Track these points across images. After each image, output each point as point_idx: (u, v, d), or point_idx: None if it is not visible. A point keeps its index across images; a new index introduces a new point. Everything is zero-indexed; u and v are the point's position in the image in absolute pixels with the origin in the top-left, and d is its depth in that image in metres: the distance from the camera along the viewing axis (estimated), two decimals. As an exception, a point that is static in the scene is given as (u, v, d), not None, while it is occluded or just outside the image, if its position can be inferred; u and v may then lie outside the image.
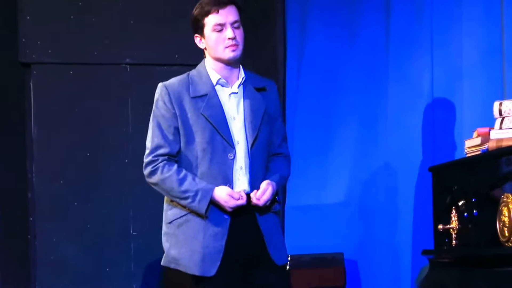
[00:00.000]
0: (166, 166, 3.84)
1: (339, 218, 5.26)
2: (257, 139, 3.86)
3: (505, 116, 3.72)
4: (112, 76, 5.43)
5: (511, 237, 3.47)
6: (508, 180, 3.55)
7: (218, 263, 3.77)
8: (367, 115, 5.12)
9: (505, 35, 4.17)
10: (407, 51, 5.04)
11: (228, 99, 3.88)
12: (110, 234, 5.31)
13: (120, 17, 5.45)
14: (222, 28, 3.82)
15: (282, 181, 3.94)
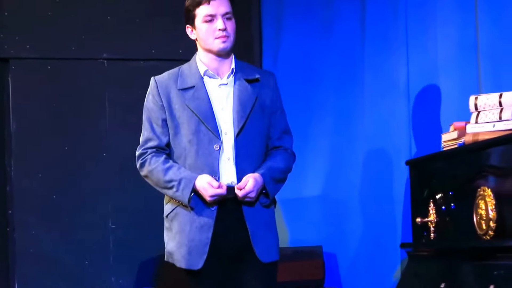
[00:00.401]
0: (153, 158, 3.85)
1: (317, 212, 5.27)
2: (243, 130, 3.83)
3: (481, 110, 3.72)
4: (89, 71, 5.41)
5: (488, 230, 3.49)
6: (485, 174, 3.57)
7: (205, 256, 3.75)
8: (343, 108, 5.13)
9: (480, 30, 4.17)
10: (382, 44, 5.05)
11: (216, 90, 3.86)
12: (88, 227, 5.29)
13: (97, 13, 5.43)
14: (213, 19, 3.81)
15: (273, 173, 3.87)
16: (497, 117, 3.64)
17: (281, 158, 3.95)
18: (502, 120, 3.62)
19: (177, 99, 3.85)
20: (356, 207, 5.15)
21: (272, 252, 3.88)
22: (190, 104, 3.82)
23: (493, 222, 3.47)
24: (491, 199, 3.49)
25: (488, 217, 3.50)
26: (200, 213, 3.79)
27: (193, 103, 3.82)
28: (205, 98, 3.84)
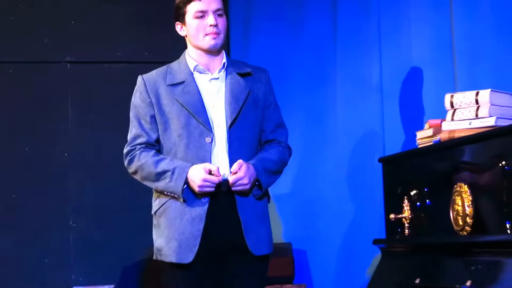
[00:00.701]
0: (143, 153, 3.77)
1: (288, 209, 5.24)
2: (236, 121, 3.76)
3: (457, 108, 3.73)
4: (52, 74, 5.34)
5: (465, 226, 3.49)
6: (461, 170, 3.58)
7: (196, 249, 3.67)
8: (316, 107, 5.11)
9: (455, 28, 4.20)
10: (355, 43, 5.05)
11: (207, 85, 3.80)
12: (49, 226, 5.23)
13: (60, 16, 5.36)
14: (204, 15, 3.74)
15: (265, 164, 3.80)
16: (473, 114, 3.65)
17: (274, 151, 3.89)
18: (479, 118, 3.62)
19: (166, 94, 3.79)
20: (328, 204, 5.12)
21: (264, 245, 3.81)
22: (179, 98, 3.76)
23: (470, 218, 3.48)
24: (468, 195, 3.50)
25: (465, 213, 3.50)
26: (192, 205, 3.71)
27: (183, 97, 3.76)
28: (195, 92, 3.77)
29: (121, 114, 5.21)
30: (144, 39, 5.41)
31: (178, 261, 3.69)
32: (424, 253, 3.76)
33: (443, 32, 4.32)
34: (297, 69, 5.30)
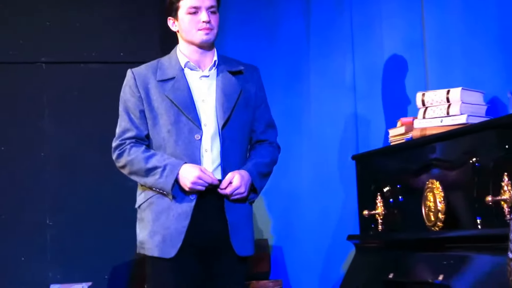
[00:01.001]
0: (133, 148, 3.76)
1: (264, 206, 5.26)
2: (229, 122, 3.76)
3: (428, 106, 3.76)
4: (27, 74, 5.33)
5: (437, 221, 3.52)
6: (433, 167, 3.61)
7: (179, 244, 3.68)
8: (291, 107, 5.12)
9: (426, 28, 4.22)
10: (328, 43, 5.07)
11: (198, 82, 3.80)
12: (25, 224, 5.22)
13: (36, 18, 5.35)
14: (197, 11, 3.72)
15: (259, 168, 3.83)
16: (444, 112, 3.68)
17: (266, 152, 3.91)
18: (450, 116, 3.65)
19: (155, 90, 3.77)
20: (303, 201, 5.15)
21: (248, 246, 3.84)
22: (169, 94, 3.75)
23: (441, 214, 3.51)
24: (440, 191, 3.53)
25: (437, 209, 3.53)
26: (179, 202, 3.71)
27: (173, 93, 3.75)
28: (185, 89, 3.76)
29: (97, 113, 5.26)
30: (119, 40, 5.41)
31: (161, 255, 3.70)
32: (397, 249, 3.79)
33: (415, 31, 4.33)
34: (272, 68, 5.30)
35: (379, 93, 4.60)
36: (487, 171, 3.26)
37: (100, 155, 5.08)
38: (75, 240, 5.21)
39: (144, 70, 3.83)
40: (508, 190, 3.12)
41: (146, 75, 3.80)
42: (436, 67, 4.17)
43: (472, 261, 3.22)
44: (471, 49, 3.95)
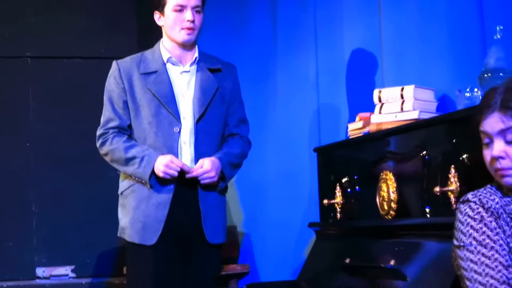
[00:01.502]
0: (115, 138, 3.76)
1: (233, 195, 5.24)
2: (204, 116, 3.77)
3: (384, 102, 3.75)
4: (13, 68, 5.29)
5: (390, 210, 3.53)
6: (387, 159, 3.60)
7: (159, 232, 3.69)
8: (258, 103, 5.07)
9: (383, 30, 4.21)
10: (293, 43, 5.05)
11: (178, 76, 3.79)
12: (13, 212, 5.20)
13: (21, 13, 5.31)
14: (183, 10, 3.72)
15: (229, 158, 3.83)
16: (399, 108, 3.68)
17: (237, 145, 3.91)
18: (403, 111, 3.65)
19: (138, 82, 3.76)
20: (269, 191, 5.14)
21: (219, 235, 3.85)
22: (152, 87, 3.74)
23: (394, 203, 3.52)
24: (393, 182, 3.53)
25: (390, 199, 3.54)
26: (158, 191, 3.72)
27: (155, 87, 3.74)
28: (167, 83, 3.76)
29: (79, 106, 5.24)
30: (100, 36, 5.38)
31: (142, 242, 3.72)
32: (354, 236, 3.79)
33: (373, 33, 4.33)
34: (240, 66, 5.24)
35: (340, 90, 4.59)
36: (436, 163, 3.27)
37: (83, 145, 5.08)
38: (59, 226, 5.20)
39: (129, 63, 3.82)
40: (455, 181, 3.13)
41: (130, 68, 3.79)
42: (392, 66, 4.17)
43: (421, 248, 3.22)
44: (424, 50, 3.95)
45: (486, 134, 2.51)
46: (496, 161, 2.48)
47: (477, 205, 2.52)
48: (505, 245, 2.47)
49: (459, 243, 2.53)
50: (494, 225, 2.49)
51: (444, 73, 3.80)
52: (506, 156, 2.47)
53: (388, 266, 3.30)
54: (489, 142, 2.51)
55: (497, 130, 2.47)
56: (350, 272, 3.61)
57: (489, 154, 2.52)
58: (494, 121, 2.48)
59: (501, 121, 2.46)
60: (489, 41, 3.36)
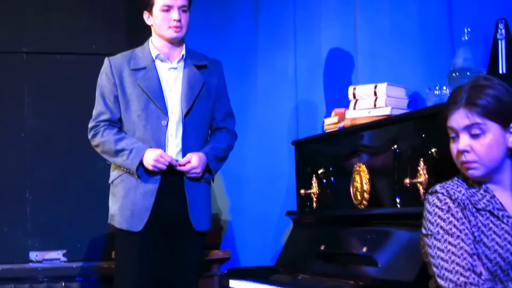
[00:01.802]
0: (106, 130, 3.75)
1: (216, 185, 5.19)
2: (191, 110, 3.75)
3: (358, 99, 3.74)
4: (9, 63, 5.22)
5: (363, 200, 3.53)
6: (360, 152, 3.60)
7: (146, 219, 3.69)
8: (241, 96, 5.01)
9: (358, 30, 4.19)
10: (274, 42, 5.01)
11: (166, 73, 3.78)
12: (8, 199, 5.15)
13: (17, 11, 5.25)
14: (170, 9, 3.71)
15: (216, 152, 3.83)
16: (372, 104, 3.67)
17: (224, 138, 3.91)
18: (376, 107, 3.64)
19: (129, 78, 3.75)
20: (250, 181, 5.12)
21: (205, 222, 3.84)
22: (141, 83, 3.73)
23: (367, 194, 3.51)
24: (366, 174, 3.52)
25: (363, 189, 3.53)
26: (145, 181, 3.71)
27: (144, 82, 3.73)
28: (156, 78, 3.74)
29: (71, 99, 5.19)
30: (92, 34, 5.34)
31: (129, 228, 3.73)
32: (328, 224, 3.77)
33: (349, 32, 4.31)
34: (223, 63, 5.19)
35: (317, 86, 4.57)
36: (406, 157, 3.27)
37: (75, 137, 5.02)
38: (52, 213, 5.15)
39: (119, 59, 3.81)
40: (424, 173, 3.13)
41: (121, 64, 3.78)
42: (366, 64, 4.15)
43: (391, 236, 3.22)
44: (396, 50, 3.95)
45: (453, 129, 2.50)
46: (461, 155, 2.48)
47: (444, 196, 2.52)
48: (470, 234, 2.47)
49: (427, 231, 2.53)
50: (460, 215, 2.49)
51: (415, 72, 3.80)
52: (471, 150, 2.47)
53: (361, 253, 3.30)
54: (455, 137, 2.51)
55: (463, 126, 2.47)
56: (325, 258, 3.60)
57: (455, 148, 2.51)
58: (460, 117, 2.47)
59: (466, 117, 2.46)
60: (458, 42, 3.36)
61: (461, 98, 2.48)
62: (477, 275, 2.40)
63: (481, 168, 2.48)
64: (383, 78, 3.84)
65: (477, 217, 2.50)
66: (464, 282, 2.39)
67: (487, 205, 2.51)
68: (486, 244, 2.46)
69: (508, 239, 2.46)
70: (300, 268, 3.71)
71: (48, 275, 4.89)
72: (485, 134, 2.46)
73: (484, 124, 2.46)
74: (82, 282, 4.91)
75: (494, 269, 2.44)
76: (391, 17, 4.00)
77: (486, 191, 2.53)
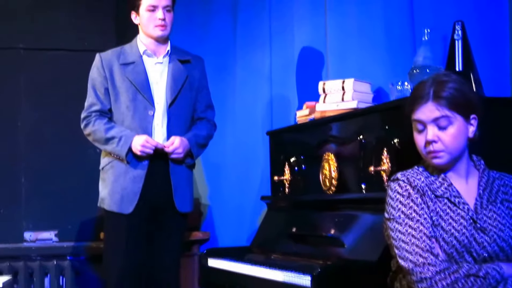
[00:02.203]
0: (97, 120, 3.75)
1: (197, 171, 5.10)
2: (175, 101, 3.75)
3: (328, 93, 3.72)
4: (7, 58, 5.14)
5: (331, 186, 3.52)
6: (329, 142, 3.58)
7: (135, 203, 3.68)
8: (219, 92, 4.97)
9: (328, 30, 4.18)
10: (251, 42, 4.98)
11: (153, 67, 3.78)
12: (4, 183, 5.08)
13: (15, 9, 5.18)
14: (155, 9, 3.71)
15: (197, 139, 3.82)
16: (340, 99, 3.65)
17: (204, 127, 3.92)
18: (344, 101, 3.63)
19: (118, 72, 3.75)
20: (228, 168, 5.08)
21: (187, 204, 3.84)
22: (129, 76, 3.73)
23: (335, 180, 3.51)
24: (334, 162, 3.52)
25: (331, 176, 3.52)
26: (134, 167, 3.71)
27: (132, 75, 3.74)
28: (143, 72, 3.75)
29: (64, 91, 5.13)
30: (83, 32, 5.28)
31: (120, 211, 3.72)
32: (299, 208, 3.77)
33: (319, 32, 4.29)
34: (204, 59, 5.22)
35: (290, 82, 4.55)
36: (371, 146, 3.26)
37: (67, 126, 4.99)
38: (45, 197, 5.10)
39: (109, 55, 3.82)
40: (387, 162, 3.13)
41: (111, 59, 3.79)
42: (335, 62, 4.14)
43: (357, 219, 3.22)
44: (363, 48, 3.94)
45: (420, 121, 2.49)
46: (429, 145, 2.47)
47: (405, 183, 2.52)
48: (429, 219, 2.47)
49: (389, 216, 2.53)
50: (419, 201, 2.49)
51: (380, 68, 3.79)
52: (438, 140, 2.47)
53: (329, 234, 3.29)
54: (422, 129, 2.49)
55: (432, 118, 2.46)
56: (296, 240, 3.59)
57: (422, 139, 2.50)
58: (428, 110, 2.46)
59: (436, 109, 2.45)
60: (418, 42, 3.36)
61: (428, 92, 2.47)
62: (435, 256, 2.40)
63: (446, 157, 2.48)
64: (350, 74, 3.83)
65: (435, 203, 2.49)
66: (423, 263, 2.39)
67: (445, 193, 2.51)
68: (444, 228, 2.46)
69: (464, 224, 2.46)
70: (273, 249, 3.70)
71: (41, 253, 4.87)
72: (451, 125, 2.46)
73: (451, 116, 2.46)
74: (72, 261, 4.89)
75: (450, 251, 2.44)
76: (358, 19, 3.99)
77: (444, 180, 2.53)
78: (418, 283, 2.38)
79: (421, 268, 2.38)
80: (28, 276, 4.81)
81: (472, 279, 2.34)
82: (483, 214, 2.49)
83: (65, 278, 4.84)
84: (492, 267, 2.38)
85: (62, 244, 4.96)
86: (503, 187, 2.56)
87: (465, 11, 3.33)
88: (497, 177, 2.58)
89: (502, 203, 2.53)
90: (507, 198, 2.54)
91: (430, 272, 2.37)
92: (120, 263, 3.73)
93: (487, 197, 2.52)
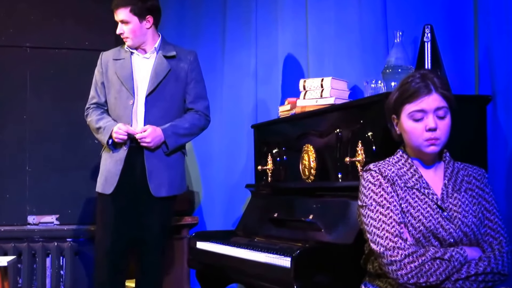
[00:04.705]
0: (94, 112, 3.90)
1: (188, 161, 5.11)
2: (154, 92, 3.80)
3: (308, 90, 3.69)
4: (14, 56, 5.07)
5: (310, 175, 3.49)
6: (309, 135, 3.56)
7: (115, 184, 3.75)
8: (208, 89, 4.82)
9: (309, 32, 4.16)
10: (238, 40, 4.94)
11: (140, 62, 3.87)
12: (10, 170, 5.00)
13: (22, 10, 5.11)
14: (118, 23, 3.88)
15: (175, 129, 3.82)
16: (319, 95, 3.62)
17: (189, 118, 3.91)
18: (322, 98, 3.60)
19: (111, 67, 3.88)
20: (216, 158, 5.05)
21: (163, 190, 3.81)
22: (117, 71, 3.85)
23: (313, 170, 3.48)
24: (313, 153, 3.49)
25: (310, 166, 3.49)
26: (117, 152, 3.80)
27: (119, 70, 3.85)
28: (128, 67, 3.84)
29: (67, 87, 5.07)
30: (85, 32, 5.22)
31: (103, 191, 3.82)
32: (281, 195, 3.74)
33: (301, 33, 4.27)
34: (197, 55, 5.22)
35: (274, 79, 4.53)
36: (347, 139, 3.24)
37: (68, 118, 4.96)
38: (48, 183, 5.05)
39: (109, 53, 3.96)
40: (361, 153, 3.11)
41: (108, 57, 3.93)
42: (315, 61, 4.13)
43: (333, 205, 3.20)
44: (340, 49, 3.92)
45: (422, 111, 2.45)
46: (429, 132, 2.43)
47: (376, 173, 2.51)
48: (398, 206, 2.45)
49: (362, 203, 2.51)
50: (390, 189, 2.47)
51: (355, 68, 3.78)
52: (438, 129, 2.42)
53: (308, 219, 3.27)
54: (420, 118, 2.45)
55: (434, 108, 2.43)
56: (277, 224, 3.56)
57: (419, 127, 2.46)
58: (432, 100, 2.43)
59: (440, 100, 2.43)
60: (391, 43, 3.33)
61: (428, 84, 2.44)
62: (404, 241, 2.38)
63: (440, 145, 2.48)
64: (329, 73, 3.84)
65: (405, 191, 2.48)
66: (393, 247, 2.37)
67: (415, 184, 2.49)
68: (412, 215, 2.44)
69: (431, 211, 2.45)
70: (256, 232, 3.68)
71: (43, 235, 4.85)
72: (447, 116, 2.46)
73: (447, 108, 2.45)
74: (71, 242, 4.86)
75: (418, 236, 2.42)
76: (336, 23, 3.97)
77: (415, 171, 2.52)
78: (388, 265, 2.36)
79: (391, 251, 2.35)
80: (31, 256, 4.79)
81: (438, 261, 2.33)
82: (449, 202, 2.47)
83: (65, 258, 4.82)
84: (456, 250, 2.37)
85: (62, 227, 4.94)
86: (467, 177, 2.55)
87: (434, 15, 3.32)
88: (461, 168, 2.57)
89: (466, 191, 2.51)
90: (470, 187, 2.53)
91: (399, 255, 2.34)
92: (101, 239, 3.82)
93: (452, 186, 2.50)
